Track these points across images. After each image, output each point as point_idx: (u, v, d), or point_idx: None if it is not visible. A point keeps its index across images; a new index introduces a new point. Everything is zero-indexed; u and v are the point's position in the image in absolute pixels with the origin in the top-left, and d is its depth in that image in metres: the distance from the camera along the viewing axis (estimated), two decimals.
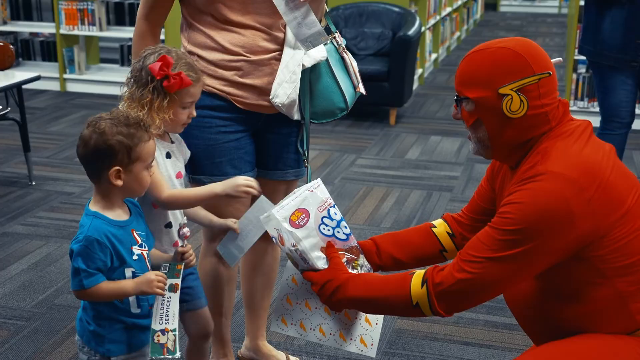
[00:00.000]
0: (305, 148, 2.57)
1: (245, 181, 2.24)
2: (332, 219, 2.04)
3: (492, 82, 1.82)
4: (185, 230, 2.15)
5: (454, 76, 7.07)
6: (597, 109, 6.20)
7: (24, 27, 7.46)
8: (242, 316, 3.11)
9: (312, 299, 2.11)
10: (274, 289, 2.95)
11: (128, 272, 2.01)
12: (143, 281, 1.99)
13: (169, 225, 2.32)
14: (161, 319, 2.10)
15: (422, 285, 1.83)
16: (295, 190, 2.09)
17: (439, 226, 2.19)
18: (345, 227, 2.07)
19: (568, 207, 1.72)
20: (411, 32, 6.19)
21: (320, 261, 2.01)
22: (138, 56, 2.46)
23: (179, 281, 2.13)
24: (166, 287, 2.07)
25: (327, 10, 2.55)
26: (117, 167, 1.96)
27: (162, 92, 2.18)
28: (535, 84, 1.81)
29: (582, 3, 6.13)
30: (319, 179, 2.10)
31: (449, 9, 9.00)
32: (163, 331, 2.10)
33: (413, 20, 6.41)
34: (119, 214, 2.03)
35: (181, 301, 2.39)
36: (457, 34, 10.16)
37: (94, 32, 7.16)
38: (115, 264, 1.98)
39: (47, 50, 7.58)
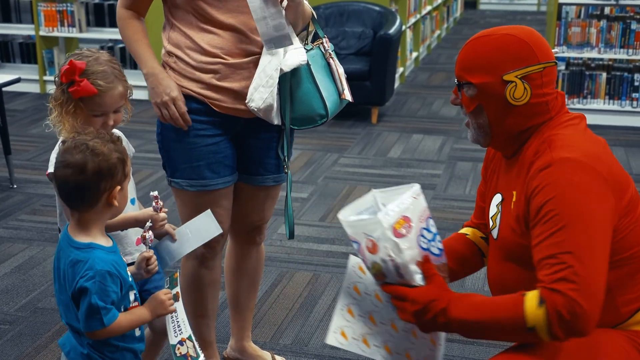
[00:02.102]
0: (285, 154, 2.54)
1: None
2: (429, 231, 1.85)
3: (496, 68, 1.82)
4: (150, 234, 2.09)
5: (432, 75, 6.95)
6: (577, 106, 6.27)
7: (3, 29, 7.41)
8: (228, 317, 3.11)
9: (376, 313, 1.91)
10: (259, 290, 2.95)
11: (132, 295, 1.94)
12: (156, 304, 1.93)
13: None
14: (175, 332, 2.06)
15: (540, 306, 1.68)
16: (387, 190, 1.89)
17: (471, 233, 2.16)
18: (440, 241, 1.88)
19: (597, 176, 1.71)
20: (392, 31, 6.20)
21: (417, 276, 1.80)
22: (127, 41, 2.44)
23: (179, 289, 2.09)
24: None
25: (315, 15, 2.53)
26: (119, 186, 1.88)
27: (70, 97, 2.14)
28: (539, 72, 1.82)
29: (560, 0, 6.17)
30: (417, 185, 1.87)
31: (429, 8, 9.03)
32: (181, 342, 2.06)
33: (394, 19, 6.43)
34: (106, 240, 1.94)
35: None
36: (438, 32, 10.19)
37: (73, 33, 7.12)
38: (123, 292, 1.89)
39: (26, 52, 7.53)
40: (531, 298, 1.69)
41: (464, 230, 2.18)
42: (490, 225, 1.99)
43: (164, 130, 2.47)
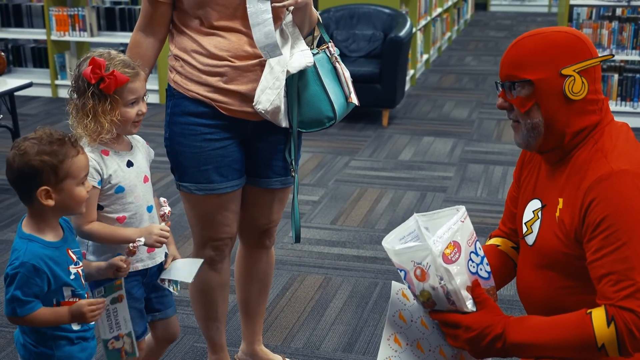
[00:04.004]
0: (292, 157, 2.52)
1: (159, 230, 2.20)
2: (477, 255, 1.82)
3: (553, 62, 1.79)
4: (135, 244, 2.14)
5: (442, 77, 6.92)
6: None
7: (15, 34, 7.45)
8: (239, 320, 3.11)
9: (423, 340, 1.88)
10: (269, 293, 2.95)
11: (67, 290, 1.96)
12: (77, 313, 1.94)
13: None
14: (111, 329, 2.13)
15: (609, 325, 1.67)
16: (428, 213, 1.87)
17: (502, 244, 2.10)
18: (487, 263, 1.85)
19: None
20: (402, 33, 6.20)
21: (468, 302, 1.77)
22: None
23: (122, 292, 2.15)
24: (108, 302, 2.09)
25: (320, 20, 2.52)
26: (45, 187, 1.90)
27: (102, 95, 2.16)
28: (594, 66, 1.80)
29: (571, 2, 6.15)
30: (462, 207, 1.85)
31: (439, 10, 9.02)
32: (117, 337, 2.13)
33: (404, 22, 6.43)
34: (54, 235, 1.97)
35: (154, 310, 2.39)
36: (448, 34, 10.18)
37: (85, 37, 7.15)
38: (52, 287, 1.92)
39: (38, 56, 7.57)
40: (598, 316, 1.67)
41: (494, 241, 2.12)
42: (524, 232, 1.94)
43: (172, 135, 2.47)
